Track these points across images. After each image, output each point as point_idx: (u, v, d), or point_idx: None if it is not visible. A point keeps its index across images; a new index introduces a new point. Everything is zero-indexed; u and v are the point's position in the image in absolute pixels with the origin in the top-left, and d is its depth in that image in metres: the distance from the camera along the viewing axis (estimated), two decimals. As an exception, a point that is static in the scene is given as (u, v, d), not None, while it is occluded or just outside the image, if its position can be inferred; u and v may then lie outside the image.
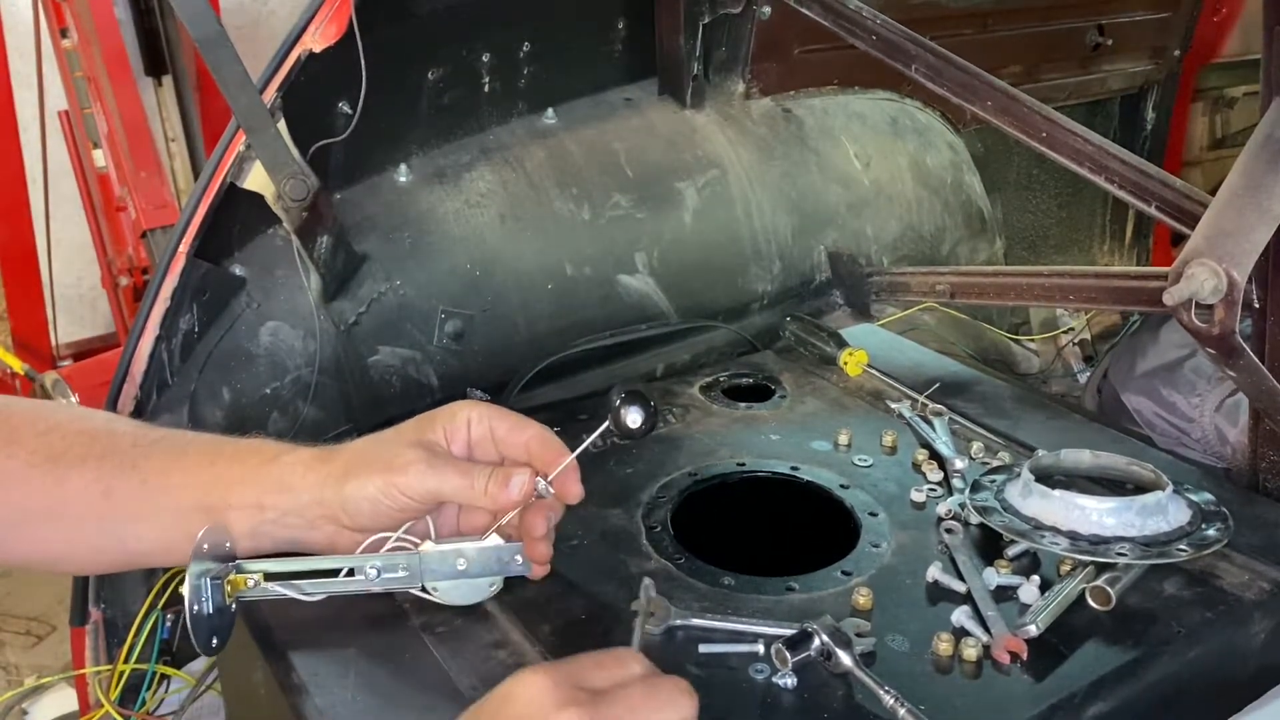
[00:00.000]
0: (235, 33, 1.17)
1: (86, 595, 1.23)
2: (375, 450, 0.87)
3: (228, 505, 0.86)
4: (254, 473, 0.87)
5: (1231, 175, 1.01)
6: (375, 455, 0.86)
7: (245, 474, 0.87)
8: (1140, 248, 2.73)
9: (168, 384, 1.23)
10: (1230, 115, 2.90)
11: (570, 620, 0.92)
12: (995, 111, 1.25)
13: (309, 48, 1.18)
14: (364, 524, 0.86)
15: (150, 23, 3.32)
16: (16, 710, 1.59)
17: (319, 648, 0.89)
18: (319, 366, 1.30)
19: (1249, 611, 0.93)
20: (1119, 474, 1.06)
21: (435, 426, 0.88)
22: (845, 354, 1.39)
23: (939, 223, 1.95)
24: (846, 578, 0.97)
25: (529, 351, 1.42)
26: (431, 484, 0.84)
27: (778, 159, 1.74)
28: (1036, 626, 0.88)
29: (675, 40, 1.61)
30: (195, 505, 0.86)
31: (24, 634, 2.97)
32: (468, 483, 0.84)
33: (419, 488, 0.84)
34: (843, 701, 0.82)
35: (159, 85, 3.40)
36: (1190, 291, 0.97)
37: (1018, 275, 1.38)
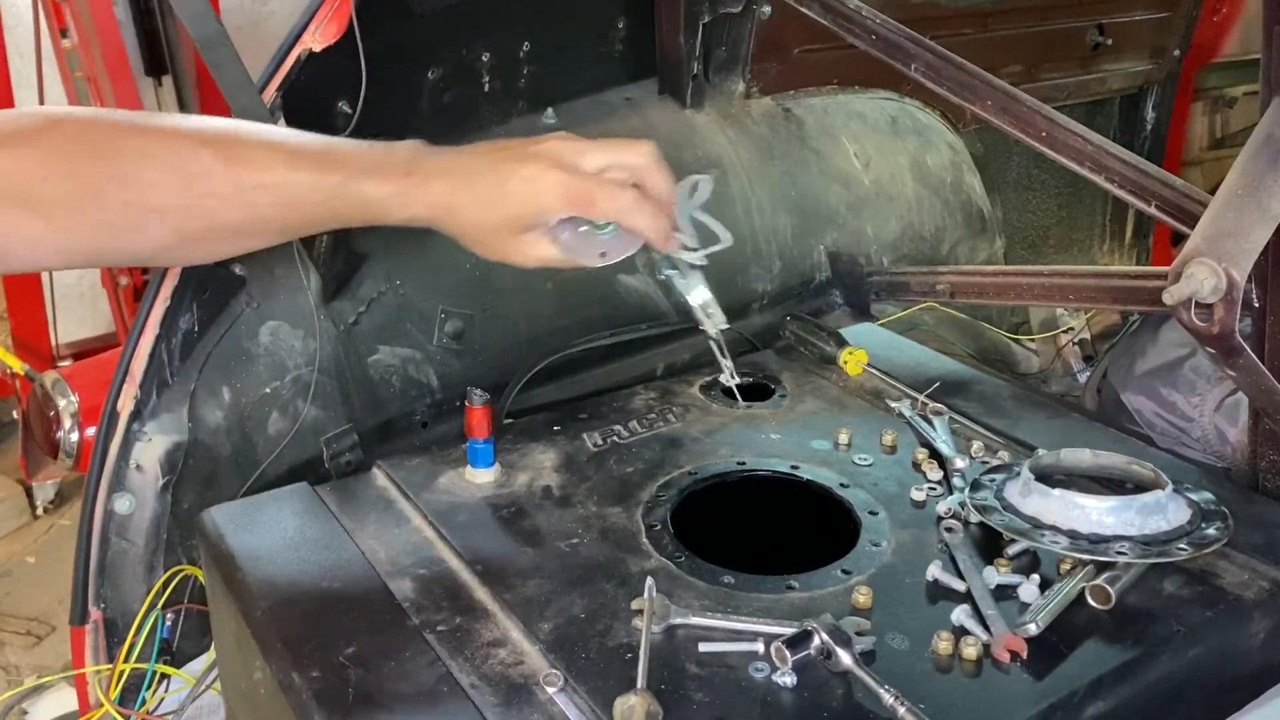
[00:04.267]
0: (235, 33, 1.17)
1: (86, 595, 1.23)
2: (487, 235, 0.96)
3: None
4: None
5: (1231, 175, 1.01)
6: (487, 240, 0.97)
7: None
8: (1140, 247, 2.74)
9: (168, 383, 1.23)
10: (1230, 115, 2.91)
11: (570, 619, 0.92)
12: (995, 111, 1.25)
13: (309, 47, 1.18)
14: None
15: (150, 23, 3.31)
16: (16, 710, 1.59)
17: (319, 647, 0.89)
18: (319, 366, 1.30)
19: (1249, 611, 0.93)
20: (1119, 473, 1.06)
21: (531, 225, 0.96)
22: (845, 353, 1.39)
23: (939, 222, 1.95)
24: (846, 576, 0.97)
25: (529, 351, 1.42)
26: (545, 266, 0.99)
27: (778, 159, 1.74)
28: (1036, 625, 0.88)
29: (675, 40, 1.61)
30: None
31: (24, 634, 2.97)
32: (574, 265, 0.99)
33: (552, 264, 1.00)
34: (842, 700, 0.82)
35: (159, 85, 3.39)
36: (1190, 291, 0.97)
37: (1018, 275, 1.38)
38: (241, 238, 0.95)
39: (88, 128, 0.89)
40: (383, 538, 1.05)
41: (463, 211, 0.95)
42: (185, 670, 1.24)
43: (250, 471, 1.27)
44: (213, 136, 0.91)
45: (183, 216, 0.89)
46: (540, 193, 0.94)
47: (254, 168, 0.90)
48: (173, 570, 1.23)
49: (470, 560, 1.00)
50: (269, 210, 0.91)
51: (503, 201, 0.94)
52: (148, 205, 0.88)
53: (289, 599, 0.96)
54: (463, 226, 0.96)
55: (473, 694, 0.84)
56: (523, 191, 0.94)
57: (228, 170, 0.89)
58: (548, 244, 0.98)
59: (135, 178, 0.87)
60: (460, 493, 1.12)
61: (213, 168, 0.89)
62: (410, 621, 0.92)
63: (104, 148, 0.88)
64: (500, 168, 0.95)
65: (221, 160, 0.89)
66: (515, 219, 0.95)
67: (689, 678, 0.85)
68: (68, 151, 0.86)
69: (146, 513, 1.23)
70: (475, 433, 1.13)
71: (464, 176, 0.95)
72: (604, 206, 0.95)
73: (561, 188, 0.94)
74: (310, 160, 0.92)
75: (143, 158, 0.88)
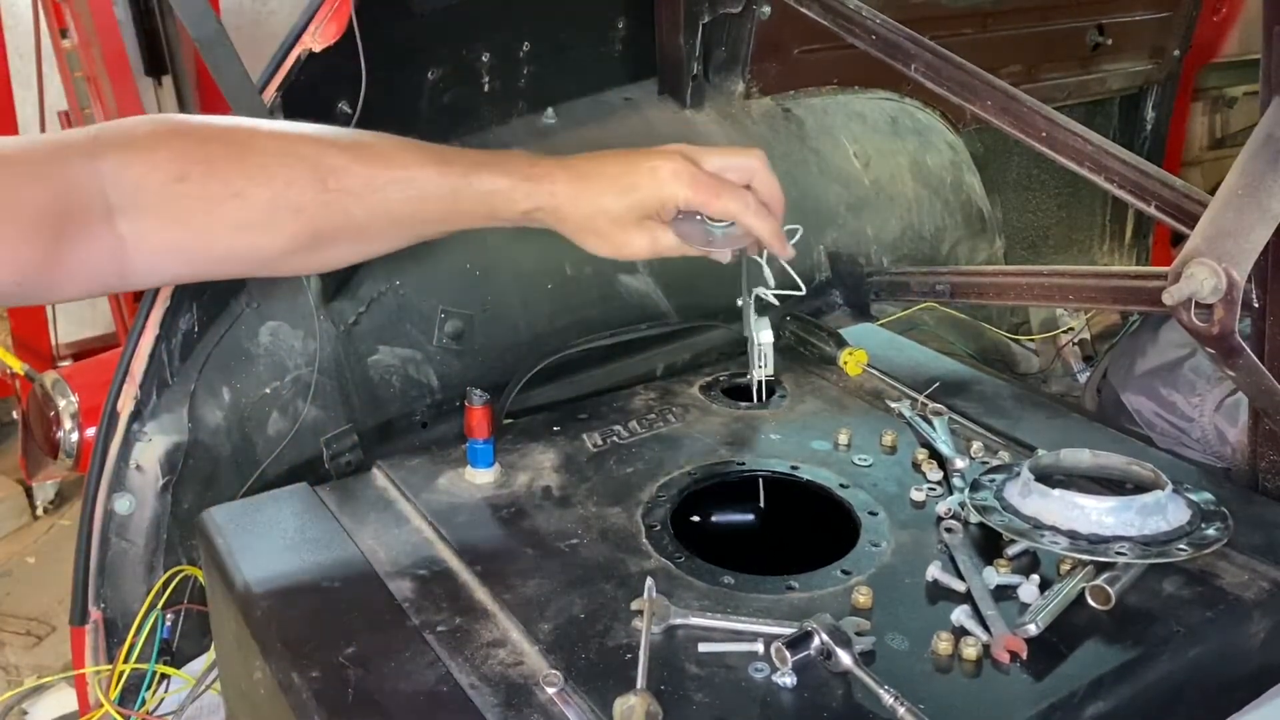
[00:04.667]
0: (235, 33, 1.17)
1: (86, 595, 1.23)
2: (602, 218, 0.99)
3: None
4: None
5: (1231, 175, 1.01)
6: (602, 230, 1.00)
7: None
8: (1140, 248, 2.74)
9: (168, 384, 1.23)
10: (1230, 115, 2.91)
11: (570, 619, 0.92)
12: (995, 111, 1.25)
13: (309, 47, 1.18)
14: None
15: (150, 23, 3.31)
16: (16, 710, 1.59)
17: (319, 647, 0.89)
18: (319, 366, 1.30)
19: (1249, 611, 0.93)
20: (1119, 474, 1.06)
21: (648, 212, 1.00)
22: (845, 354, 1.39)
23: (939, 223, 1.95)
24: (846, 577, 0.97)
25: (529, 351, 1.42)
26: (654, 256, 1.03)
27: (778, 159, 1.73)
28: (1036, 626, 0.88)
29: (675, 40, 1.61)
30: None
31: (24, 634, 2.97)
32: (681, 253, 1.03)
33: (641, 259, 1.10)
34: (842, 700, 0.82)
35: (159, 85, 3.39)
36: (1190, 291, 0.97)
37: (1018, 275, 1.38)
38: (366, 239, 0.96)
39: (217, 130, 0.91)
40: (383, 538, 1.05)
41: (588, 200, 0.98)
42: (185, 670, 1.24)
43: (250, 471, 1.27)
44: (339, 136, 0.94)
45: (318, 213, 0.90)
46: (667, 181, 0.98)
47: (384, 163, 0.93)
48: (173, 570, 1.23)
49: (470, 560, 1.00)
50: (399, 205, 0.93)
51: (631, 188, 0.98)
52: (287, 202, 0.89)
53: (289, 599, 0.96)
54: (586, 215, 0.99)
55: (473, 694, 0.84)
56: (650, 180, 0.98)
57: (360, 166, 0.91)
58: (665, 231, 1.01)
59: (274, 175, 0.88)
60: (460, 493, 1.12)
61: (346, 164, 0.91)
62: (410, 621, 0.92)
63: (239, 147, 0.89)
64: (626, 160, 1.00)
65: (352, 157, 0.91)
66: (640, 205, 0.99)
67: (689, 678, 0.85)
68: (203, 153, 0.87)
69: (146, 513, 1.23)
70: (475, 433, 1.13)
71: (590, 167, 1.00)
72: (726, 200, 0.99)
73: (690, 178, 0.99)
74: (434, 156, 0.95)
75: (279, 155, 0.89)
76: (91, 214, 0.83)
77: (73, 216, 0.82)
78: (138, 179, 0.85)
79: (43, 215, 0.81)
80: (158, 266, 0.89)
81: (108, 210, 0.84)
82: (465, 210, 0.97)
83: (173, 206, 0.86)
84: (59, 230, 0.82)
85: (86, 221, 0.83)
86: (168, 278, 0.97)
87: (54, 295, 0.88)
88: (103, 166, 0.84)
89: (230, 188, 0.87)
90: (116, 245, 0.85)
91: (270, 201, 0.89)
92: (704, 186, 0.99)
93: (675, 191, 0.98)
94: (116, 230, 0.85)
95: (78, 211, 0.83)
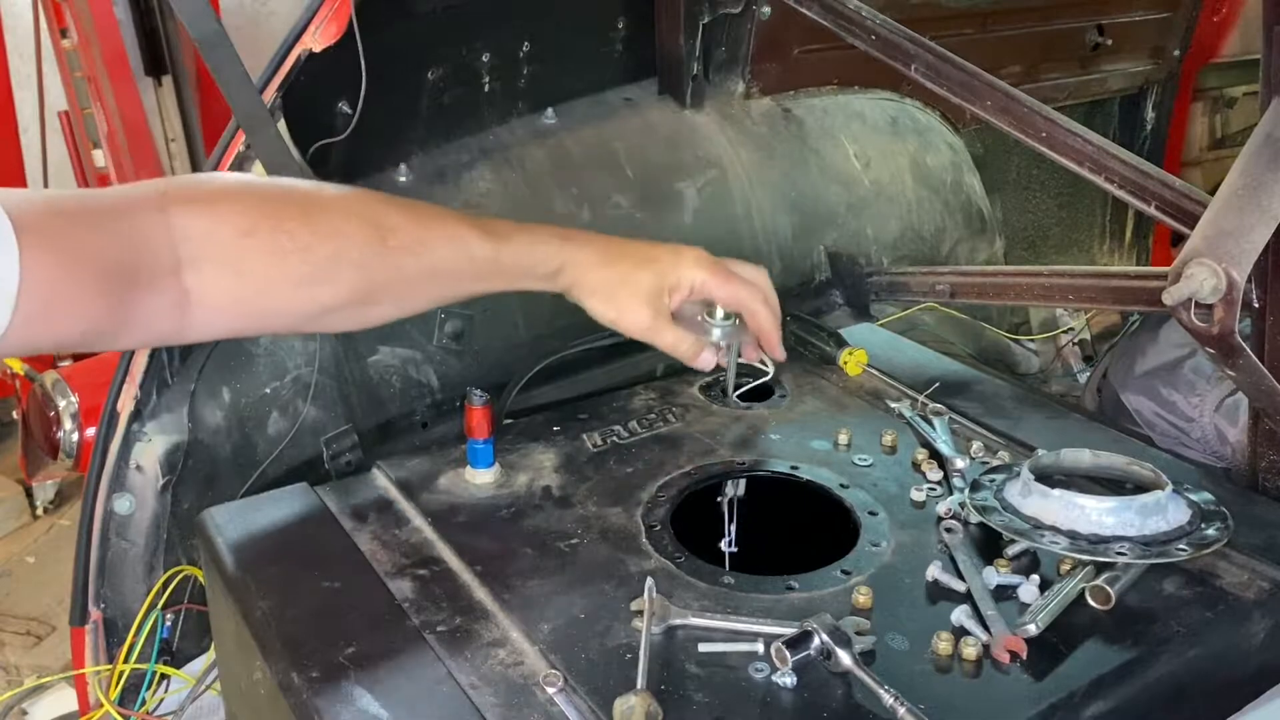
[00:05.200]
0: (235, 33, 1.17)
1: (86, 595, 1.23)
2: (619, 285, 1.06)
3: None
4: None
5: (1231, 175, 1.01)
6: (615, 291, 1.06)
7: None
8: (1140, 248, 2.74)
9: (168, 384, 1.23)
10: (1230, 115, 2.90)
11: (570, 619, 0.92)
12: (995, 111, 1.25)
13: (309, 47, 1.18)
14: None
15: (150, 23, 3.31)
16: (16, 710, 1.60)
17: (319, 647, 0.89)
18: (319, 366, 1.30)
19: (1249, 611, 0.93)
20: (1119, 474, 1.06)
21: (662, 289, 1.06)
22: (845, 354, 1.39)
23: (939, 223, 1.95)
24: (846, 577, 0.97)
25: (529, 351, 1.42)
26: (648, 338, 1.08)
27: (778, 159, 1.74)
28: (1036, 626, 0.88)
29: (675, 40, 1.61)
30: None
31: (24, 634, 2.97)
32: (673, 346, 1.08)
33: (635, 331, 1.07)
34: (842, 700, 0.82)
35: (159, 85, 3.39)
36: (1190, 291, 0.97)
37: (1018, 275, 1.38)
38: (413, 294, 1.01)
39: (283, 188, 0.97)
40: (383, 538, 1.05)
41: (611, 266, 1.05)
42: (185, 670, 1.24)
43: (250, 471, 1.27)
44: (393, 198, 1.01)
45: (376, 269, 0.95)
46: (688, 261, 1.07)
47: (437, 224, 0.99)
48: (173, 570, 1.23)
49: (470, 560, 1.00)
50: (448, 263, 0.99)
51: (653, 260, 1.06)
52: (349, 258, 0.93)
53: (289, 599, 0.96)
54: (604, 279, 1.05)
55: (473, 694, 0.84)
56: (672, 258, 1.07)
57: (415, 226, 0.97)
58: (667, 320, 1.07)
59: (338, 231, 0.93)
60: (460, 493, 1.12)
61: (403, 223, 0.96)
62: (410, 621, 0.92)
63: (304, 204, 0.94)
64: (653, 243, 1.09)
65: (408, 217, 0.97)
66: (657, 278, 1.05)
67: (689, 678, 0.85)
68: (270, 209, 0.91)
69: (146, 513, 1.23)
70: (475, 433, 1.13)
71: (617, 240, 1.08)
72: (737, 286, 1.08)
73: (709, 264, 1.07)
74: (478, 221, 1.02)
75: (342, 213, 0.94)
76: (159, 267, 0.85)
77: (142, 269, 0.84)
78: (206, 232, 0.87)
79: (115, 268, 0.82)
80: (215, 320, 0.92)
81: (176, 263, 0.86)
82: (505, 267, 1.02)
83: (239, 260, 0.89)
84: (129, 282, 0.83)
85: (154, 274, 0.85)
86: (222, 331, 1.00)
87: (114, 345, 0.90)
88: (172, 220, 0.86)
89: (296, 242, 0.91)
90: (181, 298, 0.87)
91: (333, 256, 0.92)
92: (720, 272, 1.07)
93: (694, 271, 1.06)
94: (182, 283, 0.87)
95: (147, 264, 0.84)
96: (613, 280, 1.05)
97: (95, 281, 0.81)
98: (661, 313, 1.06)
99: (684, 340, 1.07)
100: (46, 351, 0.87)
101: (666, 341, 1.07)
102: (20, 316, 0.75)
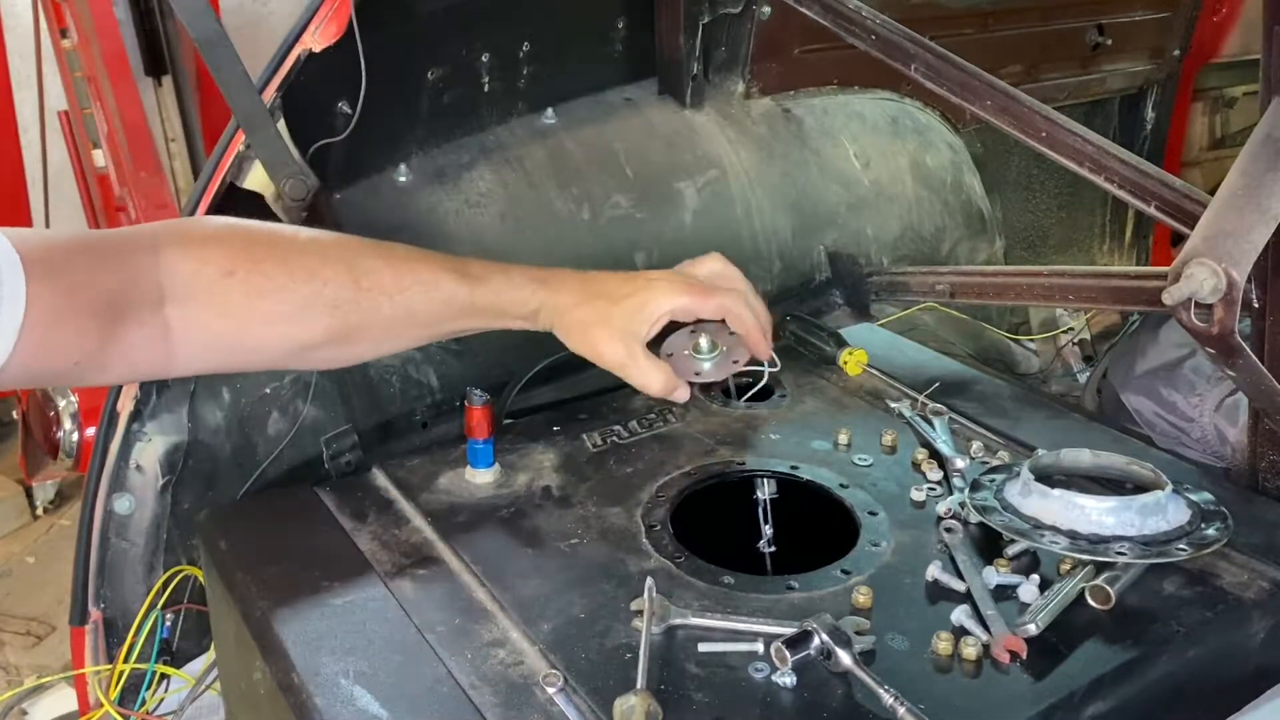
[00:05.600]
0: (235, 33, 1.17)
1: (86, 595, 1.23)
2: (594, 323, 1.06)
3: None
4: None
5: (1231, 175, 1.01)
6: (590, 328, 1.06)
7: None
8: (1140, 248, 2.73)
9: (167, 384, 1.23)
10: (1230, 115, 2.90)
11: (570, 619, 0.92)
12: (995, 111, 1.25)
13: (309, 47, 1.18)
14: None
15: (150, 23, 3.32)
16: (16, 710, 1.60)
17: (319, 647, 0.89)
18: (319, 366, 1.29)
19: (1249, 611, 0.93)
20: (1119, 473, 1.06)
21: (637, 323, 1.05)
22: (845, 354, 1.39)
23: (939, 223, 1.95)
24: (846, 576, 0.97)
25: (529, 351, 1.42)
26: (622, 374, 1.07)
27: (778, 159, 1.74)
28: (1036, 625, 0.88)
29: (675, 40, 1.61)
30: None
31: (24, 634, 2.97)
32: (643, 383, 1.06)
33: (612, 366, 1.06)
34: (842, 700, 0.82)
35: (159, 85, 3.40)
36: (1190, 291, 0.97)
37: (1018, 275, 1.38)
38: (390, 335, 1.04)
39: (265, 232, 1.00)
40: (383, 538, 1.05)
41: (587, 307, 1.05)
42: (185, 670, 1.24)
43: (250, 471, 1.27)
44: (370, 242, 1.04)
45: (351, 310, 0.98)
46: (656, 292, 1.05)
47: (410, 268, 1.01)
48: (173, 570, 1.23)
49: (470, 560, 1.00)
50: (422, 305, 1.01)
51: (627, 295, 1.05)
52: (323, 299, 0.97)
53: (289, 599, 0.96)
54: (580, 319, 1.06)
55: (473, 694, 0.84)
56: (646, 288, 1.06)
57: (390, 269, 1.00)
58: (643, 355, 1.06)
59: (314, 273, 0.96)
60: (460, 493, 1.12)
61: (379, 267, 0.99)
62: (410, 621, 0.92)
63: (283, 248, 0.97)
64: (627, 275, 1.09)
65: (384, 261, 1.00)
66: (633, 310, 1.05)
67: (689, 678, 0.85)
68: (251, 252, 0.95)
69: (146, 513, 1.23)
70: (475, 433, 1.13)
71: (593, 276, 1.08)
72: (720, 298, 1.07)
73: (683, 285, 1.06)
74: (454, 264, 1.04)
75: (319, 255, 0.98)
76: (145, 301, 0.90)
77: (130, 304, 0.89)
78: (192, 272, 0.92)
79: (107, 301, 0.87)
80: (198, 355, 0.96)
81: (160, 299, 0.91)
82: (480, 308, 1.04)
83: (219, 298, 0.93)
84: (119, 315, 0.88)
85: (141, 309, 0.90)
86: (207, 366, 1.03)
87: (103, 378, 0.94)
88: (162, 258, 0.91)
89: (274, 283, 0.95)
90: (163, 331, 0.92)
91: (308, 297, 0.96)
92: (696, 290, 1.06)
93: (668, 300, 1.05)
94: (164, 317, 0.91)
95: (135, 299, 0.89)
96: (588, 319, 1.05)
97: (90, 314, 0.86)
98: (635, 348, 1.05)
99: (655, 376, 1.06)
100: (39, 385, 0.89)
101: (636, 377, 1.06)
102: (23, 345, 0.79)
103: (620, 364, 1.06)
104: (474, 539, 1.04)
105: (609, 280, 1.08)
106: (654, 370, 1.06)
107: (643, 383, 1.06)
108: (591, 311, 1.05)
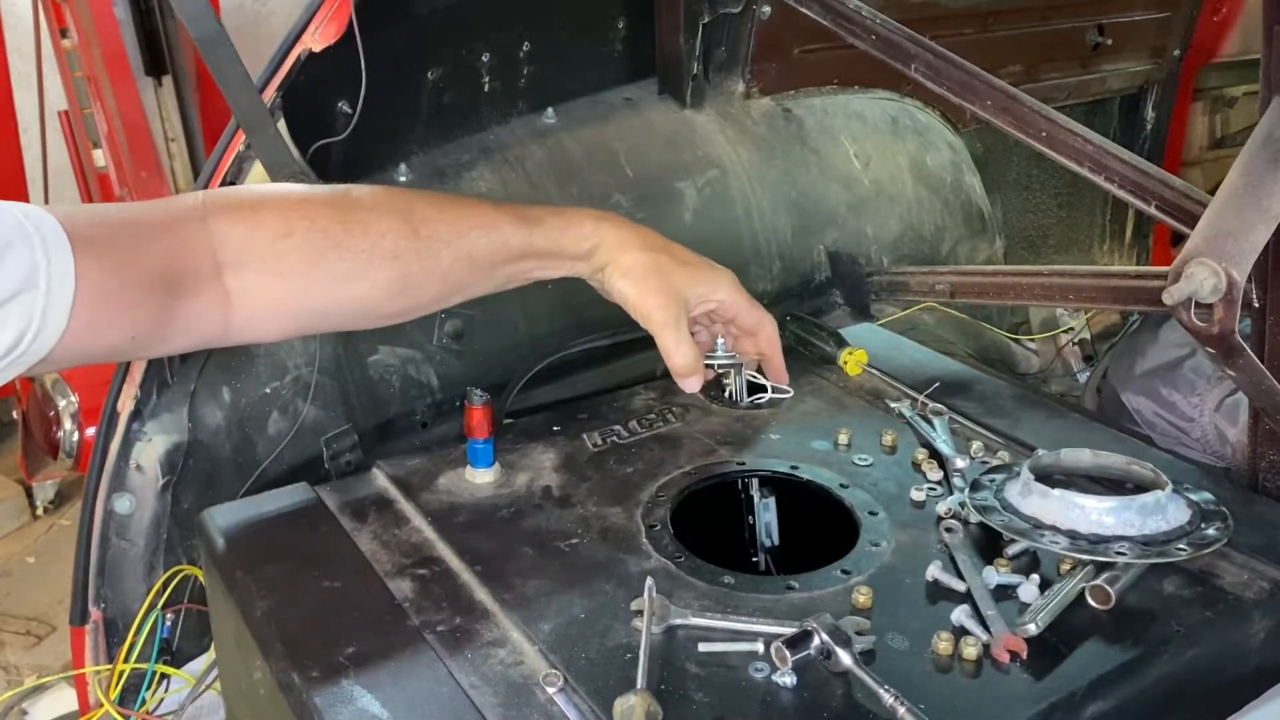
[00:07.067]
0: (235, 33, 1.17)
1: (86, 595, 1.23)
2: (654, 272, 1.05)
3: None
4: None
5: (1231, 175, 1.01)
6: (648, 275, 1.05)
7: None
8: (1140, 247, 2.73)
9: (168, 384, 1.23)
10: (1230, 115, 2.90)
11: (570, 619, 0.92)
12: (995, 111, 1.25)
13: (309, 47, 1.18)
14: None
15: (150, 23, 3.31)
16: (16, 710, 1.59)
17: (318, 647, 0.89)
18: (319, 366, 1.30)
19: (1248, 611, 0.93)
20: (1119, 473, 1.06)
21: (693, 292, 1.07)
22: (845, 353, 1.39)
23: (939, 223, 1.95)
24: (846, 576, 0.97)
25: (529, 351, 1.42)
26: (658, 330, 1.05)
27: (778, 159, 1.74)
28: (1036, 625, 0.88)
29: (675, 40, 1.61)
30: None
31: (24, 634, 2.97)
32: (673, 349, 1.05)
33: (652, 322, 1.05)
34: (842, 700, 0.82)
35: (159, 85, 3.39)
36: (1190, 291, 0.97)
37: (1018, 275, 1.38)
38: (450, 283, 1.02)
39: (316, 191, 1.00)
40: (383, 538, 1.05)
41: (650, 254, 1.05)
42: (185, 670, 1.24)
43: (250, 471, 1.27)
44: (424, 192, 1.05)
45: (411, 260, 0.97)
46: (721, 277, 1.10)
47: (467, 213, 1.01)
48: (173, 570, 1.23)
49: (470, 560, 1.00)
50: (482, 249, 1.00)
51: (688, 265, 1.07)
52: (383, 251, 0.96)
53: (289, 599, 0.96)
54: (640, 262, 1.05)
55: (473, 694, 0.84)
56: (708, 270, 1.09)
57: (446, 215, 1.00)
58: (685, 320, 1.06)
59: (370, 227, 0.95)
60: (460, 493, 1.12)
61: (435, 214, 0.99)
62: (410, 621, 0.92)
63: (337, 204, 0.96)
64: (689, 251, 1.10)
65: (439, 209, 1.00)
66: (688, 281, 1.06)
67: (689, 678, 0.85)
68: (304, 210, 0.94)
69: (146, 513, 1.23)
70: (475, 433, 1.13)
71: (657, 235, 1.09)
72: (760, 312, 1.13)
73: (738, 285, 1.11)
74: (508, 206, 1.04)
75: (373, 209, 0.97)
76: (202, 272, 0.89)
77: (185, 275, 0.88)
78: (245, 237, 0.91)
79: (160, 275, 0.86)
80: (259, 321, 0.95)
81: (216, 268, 0.90)
82: (538, 250, 1.03)
83: (277, 261, 0.92)
84: (174, 288, 0.87)
85: (198, 279, 0.89)
86: (270, 333, 1.01)
87: (162, 350, 0.97)
88: (212, 228, 0.90)
89: (331, 240, 0.93)
90: (222, 300, 0.91)
91: (368, 250, 0.95)
92: (746, 295, 1.11)
93: (728, 291, 1.09)
94: (224, 286, 0.91)
95: (190, 270, 0.88)
96: (648, 265, 1.04)
97: (142, 288, 0.85)
98: (682, 313, 1.05)
99: (687, 350, 1.05)
100: (97, 361, 0.89)
101: (670, 344, 1.04)
102: (75, 323, 0.78)
103: (662, 323, 1.04)
104: (474, 539, 1.04)
105: (673, 243, 1.08)
106: (688, 344, 1.05)
107: (675, 350, 1.04)
108: (653, 259, 1.05)
